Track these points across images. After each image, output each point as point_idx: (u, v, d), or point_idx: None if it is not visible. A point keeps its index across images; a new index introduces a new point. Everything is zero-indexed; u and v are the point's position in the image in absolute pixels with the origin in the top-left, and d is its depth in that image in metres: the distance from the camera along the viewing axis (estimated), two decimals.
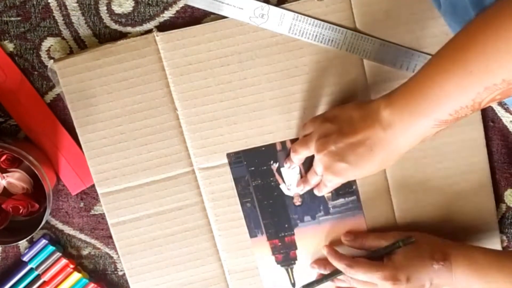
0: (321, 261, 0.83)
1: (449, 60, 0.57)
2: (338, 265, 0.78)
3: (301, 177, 0.82)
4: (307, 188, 0.81)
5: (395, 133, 0.64)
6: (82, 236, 0.87)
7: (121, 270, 0.88)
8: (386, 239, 0.79)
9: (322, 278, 0.81)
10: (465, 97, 0.57)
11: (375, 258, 0.78)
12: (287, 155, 0.81)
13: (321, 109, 0.81)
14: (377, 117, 0.65)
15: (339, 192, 0.83)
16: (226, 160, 0.82)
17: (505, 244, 0.85)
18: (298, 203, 0.83)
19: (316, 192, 0.81)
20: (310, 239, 0.85)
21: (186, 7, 0.80)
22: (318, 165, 0.74)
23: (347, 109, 0.71)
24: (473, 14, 0.60)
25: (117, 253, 0.86)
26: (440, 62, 0.59)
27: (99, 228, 0.86)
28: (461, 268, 0.72)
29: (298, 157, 0.78)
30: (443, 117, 0.60)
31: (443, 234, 0.83)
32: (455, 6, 0.65)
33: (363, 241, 0.81)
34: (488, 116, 0.82)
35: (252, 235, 0.84)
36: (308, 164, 0.81)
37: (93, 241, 0.87)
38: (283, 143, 0.82)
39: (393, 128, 0.64)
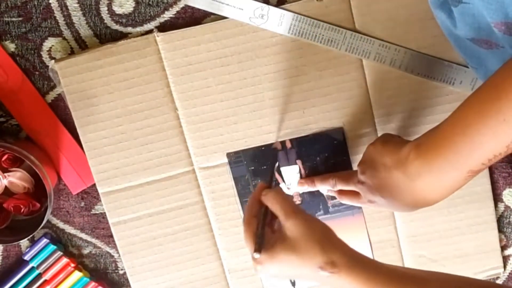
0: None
1: (480, 110, 0.56)
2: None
3: (301, 176, 0.83)
4: (310, 189, 0.82)
5: (423, 185, 0.63)
6: (83, 235, 0.87)
7: (121, 269, 0.88)
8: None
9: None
10: (499, 145, 0.55)
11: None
12: (305, 178, 0.82)
13: (320, 109, 0.81)
14: (406, 167, 0.64)
15: None
16: (226, 160, 0.83)
17: (503, 243, 0.85)
18: (297, 202, 0.84)
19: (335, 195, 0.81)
20: None
21: (187, 7, 0.80)
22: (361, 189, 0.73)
23: (381, 154, 0.69)
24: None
25: (117, 252, 0.87)
26: (470, 113, 0.58)
27: (100, 227, 0.87)
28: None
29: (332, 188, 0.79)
30: (475, 167, 0.58)
31: (442, 234, 0.84)
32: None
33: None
34: None
35: None
36: (308, 168, 0.82)
37: (94, 240, 0.87)
38: (283, 143, 0.82)
39: (422, 180, 0.62)
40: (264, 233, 0.64)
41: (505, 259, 0.86)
